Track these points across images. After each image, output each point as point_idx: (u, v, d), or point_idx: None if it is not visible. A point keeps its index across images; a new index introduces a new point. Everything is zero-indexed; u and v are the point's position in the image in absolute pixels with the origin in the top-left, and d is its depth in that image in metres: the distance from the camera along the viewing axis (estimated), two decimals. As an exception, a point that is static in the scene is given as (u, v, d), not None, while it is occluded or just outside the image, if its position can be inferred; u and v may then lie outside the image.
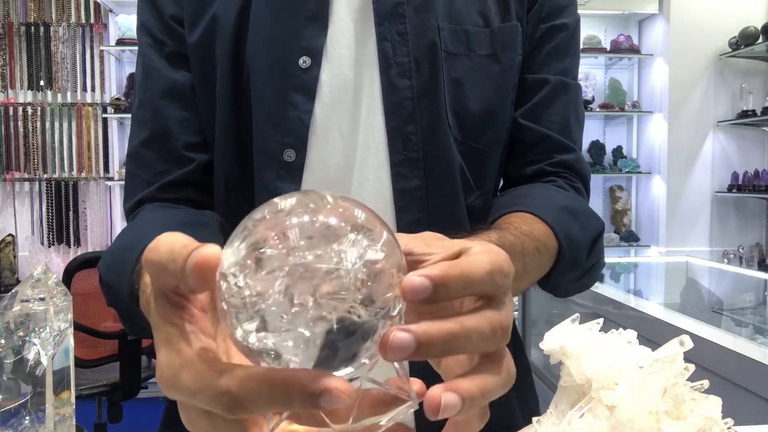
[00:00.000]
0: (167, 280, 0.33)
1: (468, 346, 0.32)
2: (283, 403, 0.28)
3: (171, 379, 0.31)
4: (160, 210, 0.71)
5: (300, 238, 0.29)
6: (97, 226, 3.95)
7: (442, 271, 0.31)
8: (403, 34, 0.71)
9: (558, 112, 0.78)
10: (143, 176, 0.75)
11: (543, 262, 0.65)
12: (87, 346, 2.38)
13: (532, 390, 0.86)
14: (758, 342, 1.59)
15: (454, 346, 0.31)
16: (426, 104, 0.71)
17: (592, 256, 0.71)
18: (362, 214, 0.31)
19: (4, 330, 0.47)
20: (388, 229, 0.31)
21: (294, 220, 0.29)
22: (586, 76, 3.97)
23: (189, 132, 0.75)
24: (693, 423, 0.52)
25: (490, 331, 0.32)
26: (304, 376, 0.28)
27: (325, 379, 0.28)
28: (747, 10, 3.91)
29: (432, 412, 0.30)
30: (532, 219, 0.66)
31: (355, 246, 0.29)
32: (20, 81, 3.89)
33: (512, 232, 0.62)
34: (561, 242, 0.65)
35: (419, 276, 0.30)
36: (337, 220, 0.30)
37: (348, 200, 0.31)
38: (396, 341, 0.29)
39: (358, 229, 0.30)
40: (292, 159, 0.71)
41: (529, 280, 0.66)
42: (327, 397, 0.27)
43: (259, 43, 0.72)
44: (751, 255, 3.89)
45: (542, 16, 0.78)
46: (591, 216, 0.73)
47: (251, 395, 0.28)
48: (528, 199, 0.71)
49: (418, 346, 0.29)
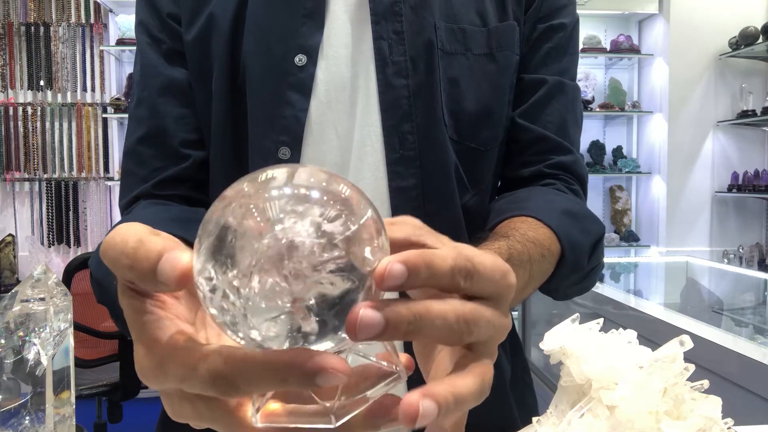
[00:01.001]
0: (124, 275, 0.31)
1: (431, 331, 0.30)
2: (278, 382, 0.28)
3: (154, 369, 0.30)
4: (152, 207, 0.72)
5: (263, 219, 0.28)
6: (97, 226, 3.95)
7: (417, 256, 0.30)
8: (399, 32, 0.72)
9: (555, 112, 0.78)
10: (139, 173, 0.75)
11: (547, 268, 0.65)
12: (87, 346, 2.38)
13: (531, 390, 0.86)
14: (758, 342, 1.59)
15: (418, 327, 0.30)
16: (422, 103, 0.71)
17: (593, 259, 0.71)
18: (339, 186, 0.30)
19: (4, 330, 0.47)
20: (368, 204, 0.31)
21: (260, 197, 0.29)
22: (586, 76, 3.97)
23: (186, 129, 0.75)
24: (693, 423, 0.52)
25: (453, 317, 0.30)
26: (299, 355, 0.28)
27: (320, 357, 0.27)
28: (747, 10, 3.91)
29: (409, 421, 0.29)
30: (537, 224, 0.66)
31: (326, 218, 0.28)
32: (20, 81, 3.89)
33: (519, 240, 0.61)
34: (564, 247, 0.65)
35: (395, 262, 0.30)
36: (305, 191, 0.29)
37: (324, 173, 0.31)
38: (365, 320, 0.28)
39: (330, 201, 0.29)
40: (288, 157, 0.71)
41: (533, 288, 0.65)
42: (323, 375, 0.27)
43: (256, 41, 0.72)
44: (751, 255, 3.89)
45: (540, 15, 0.78)
46: (592, 219, 0.73)
47: (246, 376, 0.28)
48: (529, 203, 0.71)
49: (386, 326, 0.28)
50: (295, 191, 0.29)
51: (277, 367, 0.28)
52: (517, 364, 0.83)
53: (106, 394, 2.39)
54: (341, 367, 0.27)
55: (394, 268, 0.29)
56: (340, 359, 0.28)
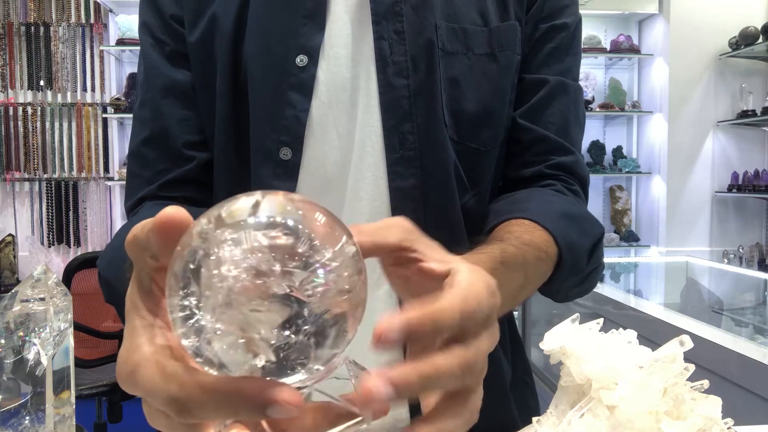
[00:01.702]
0: (141, 255, 0.33)
1: (438, 386, 0.32)
2: (230, 411, 0.28)
3: (127, 375, 0.31)
4: (159, 207, 0.71)
5: (228, 250, 0.28)
6: (97, 226, 3.95)
7: (415, 319, 0.31)
8: (400, 32, 0.71)
9: (557, 112, 0.77)
10: (144, 175, 0.75)
11: (544, 271, 0.65)
12: (87, 346, 2.38)
13: (532, 390, 0.86)
14: (758, 342, 1.59)
15: (427, 386, 0.31)
16: (422, 103, 0.71)
17: (593, 261, 0.71)
18: (316, 217, 0.30)
19: (4, 330, 0.47)
20: (343, 233, 0.31)
21: (231, 227, 0.29)
22: (586, 76, 3.97)
23: (189, 130, 0.75)
24: (693, 423, 0.52)
25: (459, 370, 0.31)
26: (252, 386, 0.28)
27: (273, 389, 0.28)
28: (747, 10, 3.90)
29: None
30: (533, 226, 0.66)
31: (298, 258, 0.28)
32: (20, 81, 3.89)
33: (513, 243, 0.61)
34: (562, 249, 0.65)
35: (388, 332, 0.30)
36: (266, 221, 0.29)
37: (300, 202, 0.31)
38: (376, 391, 0.29)
39: (305, 239, 0.29)
40: (289, 157, 0.71)
41: (530, 289, 0.65)
42: (274, 407, 0.27)
43: (257, 42, 0.72)
44: (751, 255, 3.89)
45: (542, 15, 0.78)
46: (591, 221, 0.73)
47: (199, 403, 0.28)
48: (527, 205, 0.70)
49: (396, 393, 0.29)
50: (258, 221, 0.29)
51: (228, 396, 0.28)
52: (518, 365, 0.83)
53: (106, 394, 2.39)
54: (293, 400, 0.27)
55: (391, 334, 0.30)
56: (292, 392, 0.28)
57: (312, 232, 0.29)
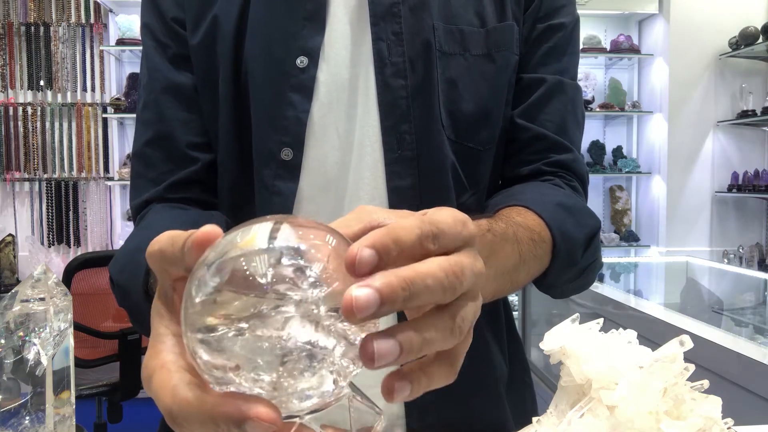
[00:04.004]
0: (167, 267, 0.34)
1: (425, 294, 0.30)
2: (212, 426, 0.30)
3: (146, 380, 0.34)
4: (169, 210, 0.72)
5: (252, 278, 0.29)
6: (97, 226, 3.95)
7: (378, 236, 0.30)
8: (398, 33, 0.72)
9: (555, 111, 0.77)
10: (149, 176, 0.76)
11: (539, 254, 0.65)
12: (87, 346, 2.38)
13: (531, 390, 0.86)
14: (758, 342, 1.59)
15: (412, 293, 0.30)
16: (420, 103, 0.72)
17: (588, 255, 0.71)
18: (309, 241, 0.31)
19: (4, 330, 0.47)
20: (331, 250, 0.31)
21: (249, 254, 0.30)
22: (586, 76, 3.97)
23: (192, 132, 0.76)
24: (693, 423, 0.52)
25: (441, 273, 0.31)
26: (230, 403, 0.29)
27: (247, 405, 0.29)
28: (747, 10, 3.90)
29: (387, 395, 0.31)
30: (527, 212, 0.66)
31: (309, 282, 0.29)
32: (20, 81, 3.89)
33: (503, 220, 0.61)
34: (555, 236, 0.65)
35: (363, 247, 0.30)
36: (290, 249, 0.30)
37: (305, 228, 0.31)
38: (360, 301, 0.28)
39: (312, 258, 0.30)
40: (290, 158, 0.71)
41: (527, 272, 0.64)
42: (250, 423, 0.28)
43: (258, 44, 0.72)
44: (751, 255, 3.89)
45: (539, 15, 0.78)
46: (587, 213, 0.73)
47: (185, 416, 0.31)
48: (521, 195, 0.71)
49: (382, 301, 0.29)
50: (283, 250, 0.30)
51: (208, 411, 0.30)
52: (517, 365, 0.83)
53: (106, 394, 2.39)
54: (267, 417, 0.28)
55: (364, 253, 0.29)
56: (269, 409, 0.29)
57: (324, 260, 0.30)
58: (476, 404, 0.76)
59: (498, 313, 0.81)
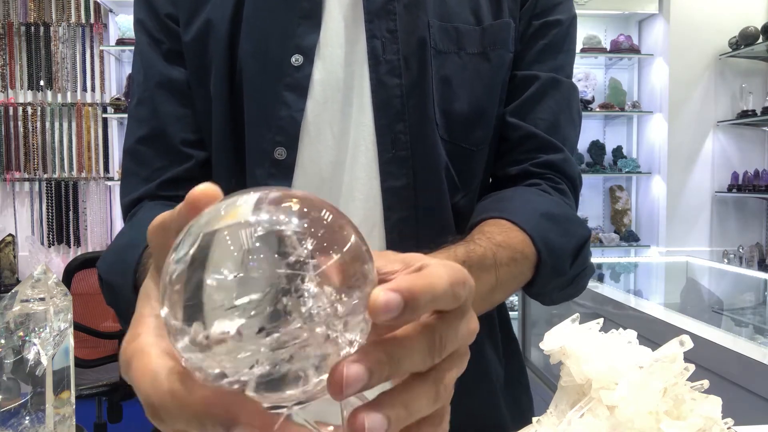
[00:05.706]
0: (167, 240, 0.31)
1: (410, 366, 0.29)
2: (197, 425, 0.27)
3: (124, 366, 0.30)
4: (161, 208, 0.71)
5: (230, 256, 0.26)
6: (97, 226, 3.95)
7: (410, 284, 0.28)
8: (393, 31, 0.71)
9: (547, 109, 0.76)
10: (141, 173, 0.74)
11: (520, 272, 0.64)
12: (87, 346, 2.38)
13: (527, 391, 0.86)
14: (758, 342, 1.59)
15: (398, 369, 0.28)
16: (414, 102, 0.71)
17: (577, 264, 0.70)
18: (325, 219, 0.28)
19: (4, 330, 0.47)
20: (356, 237, 0.28)
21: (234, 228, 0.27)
22: (586, 76, 3.97)
23: (187, 129, 0.75)
24: (693, 423, 0.52)
25: (427, 350, 0.29)
26: (218, 404, 0.27)
27: (239, 407, 0.27)
28: (747, 10, 3.90)
29: None
30: (509, 227, 0.65)
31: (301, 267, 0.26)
32: (20, 81, 3.88)
33: (482, 244, 0.61)
34: (540, 250, 0.64)
35: (387, 291, 0.27)
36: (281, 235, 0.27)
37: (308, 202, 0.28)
38: (350, 376, 0.27)
39: (310, 238, 0.27)
40: (283, 157, 0.71)
41: (504, 291, 0.64)
42: (239, 427, 0.26)
43: (253, 42, 0.72)
44: (751, 255, 3.89)
45: (535, 12, 0.77)
46: (574, 222, 0.71)
47: (167, 411, 0.28)
48: (507, 204, 0.70)
49: (370, 377, 0.27)
50: (272, 221, 0.27)
51: (193, 409, 0.27)
52: (514, 365, 0.83)
53: (106, 394, 2.39)
54: (260, 422, 0.27)
55: (391, 300, 0.27)
56: (261, 414, 0.27)
57: (316, 233, 0.27)
58: (471, 405, 0.76)
59: (491, 313, 0.81)
